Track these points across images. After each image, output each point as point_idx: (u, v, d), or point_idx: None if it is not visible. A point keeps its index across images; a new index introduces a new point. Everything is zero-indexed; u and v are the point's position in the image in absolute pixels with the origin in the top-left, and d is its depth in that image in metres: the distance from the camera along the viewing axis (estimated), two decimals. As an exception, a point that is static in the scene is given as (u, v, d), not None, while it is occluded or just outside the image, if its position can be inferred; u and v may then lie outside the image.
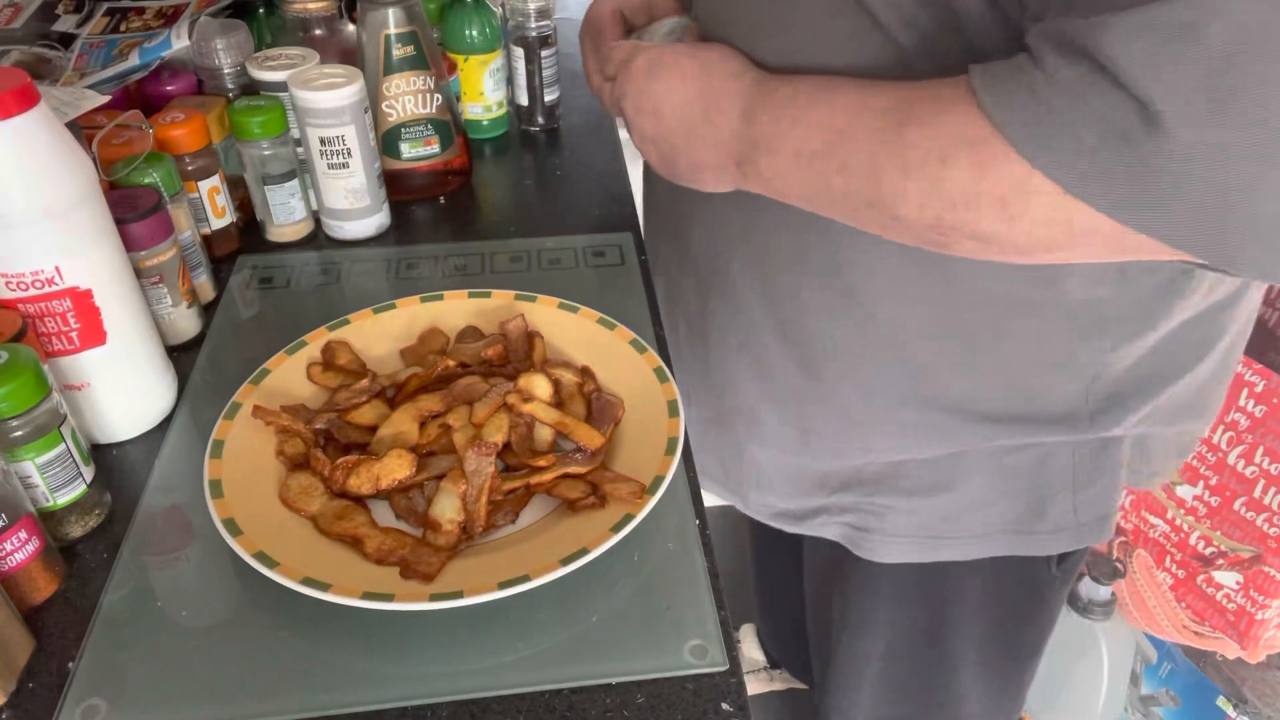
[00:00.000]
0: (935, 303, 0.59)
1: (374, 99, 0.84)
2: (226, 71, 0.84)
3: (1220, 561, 1.12)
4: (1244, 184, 0.39)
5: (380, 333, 0.68)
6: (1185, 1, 0.37)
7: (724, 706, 0.46)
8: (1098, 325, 0.59)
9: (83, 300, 0.57)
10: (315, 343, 0.66)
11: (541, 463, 0.56)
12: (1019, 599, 0.76)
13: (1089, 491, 0.67)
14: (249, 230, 0.84)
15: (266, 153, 0.79)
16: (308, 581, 0.48)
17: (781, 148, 0.54)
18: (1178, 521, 1.16)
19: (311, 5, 0.88)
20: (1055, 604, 0.79)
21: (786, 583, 0.89)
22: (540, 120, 1.04)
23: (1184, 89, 0.38)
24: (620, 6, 0.73)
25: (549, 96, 1.03)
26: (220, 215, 0.79)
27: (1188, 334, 0.62)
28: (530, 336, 0.66)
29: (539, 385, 0.60)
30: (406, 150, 0.87)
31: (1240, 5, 0.36)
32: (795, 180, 0.54)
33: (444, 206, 0.89)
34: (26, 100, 0.52)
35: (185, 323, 0.70)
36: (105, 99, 0.70)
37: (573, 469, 0.56)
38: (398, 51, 0.83)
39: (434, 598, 0.48)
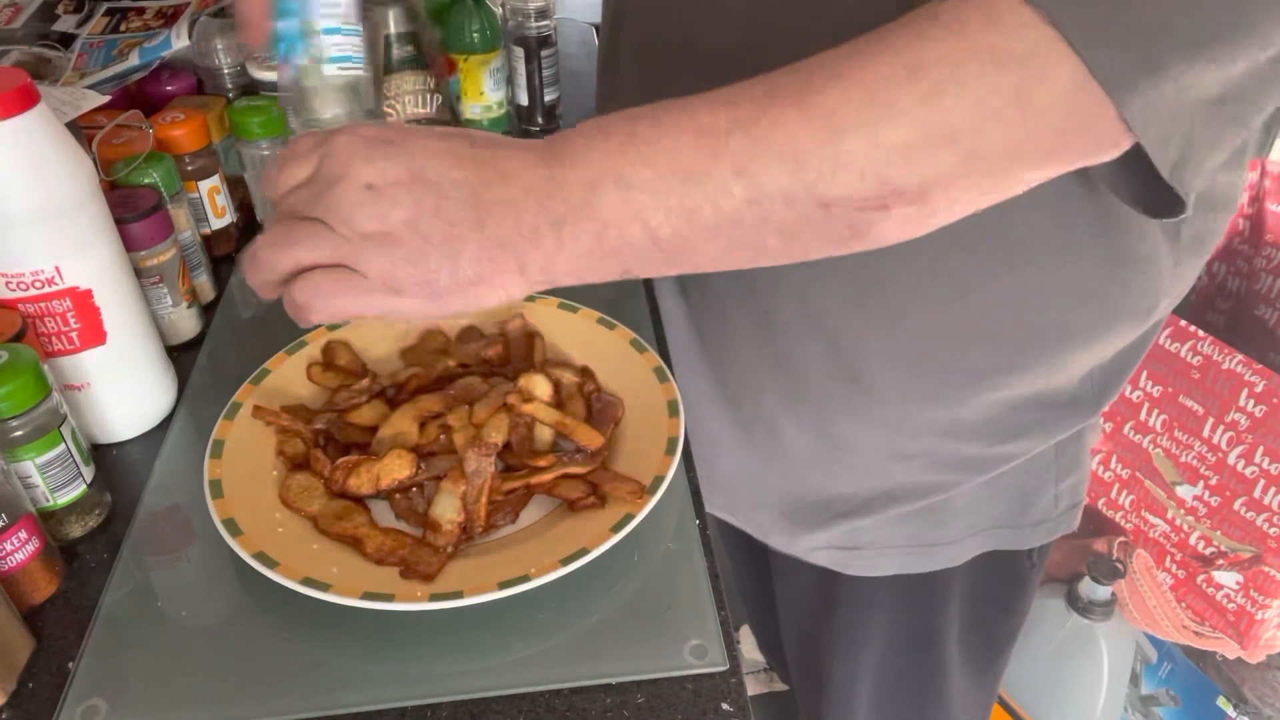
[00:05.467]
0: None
1: (374, 99, 0.84)
2: (226, 71, 0.84)
3: (1220, 561, 1.12)
4: None
5: (380, 333, 0.68)
6: None
7: (724, 706, 0.46)
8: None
9: (83, 300, 0.57)
10: (315, 343, 0.66)
11: (541, 463, 0.56)
12: (1001, 591, 0.76)
13: (1068, 480, 0.68)
14: (249, 230, 0.84)
15: (266, 153, 0.79)
16: (308, 581, 0.48)
17: (655, 157, 0.38)
18: (1178, 521, 1.16)
19: (311, 5, 0.88)
20: (1032, 590, 0.80)
21: (766, 586, 0.88)
22: (540, 120, 1.04)
23: None
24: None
25: (549, 96, 1.03)
26: (220, 215, 0.79)
27: None
28: (530, 336, 0.66)
29: (539, 385, 0.60)
30: (406, 150, 0.87)
31: None
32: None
33: (444, 206, 0.89)
34: (26, 100, 0.52)
35: (185, 323, 0.70)
36: (105, 99, 0.70)
37: (573, 469, 0.56)
38: (398, 51, 0.83)
39: (434, 598, 0.48)
